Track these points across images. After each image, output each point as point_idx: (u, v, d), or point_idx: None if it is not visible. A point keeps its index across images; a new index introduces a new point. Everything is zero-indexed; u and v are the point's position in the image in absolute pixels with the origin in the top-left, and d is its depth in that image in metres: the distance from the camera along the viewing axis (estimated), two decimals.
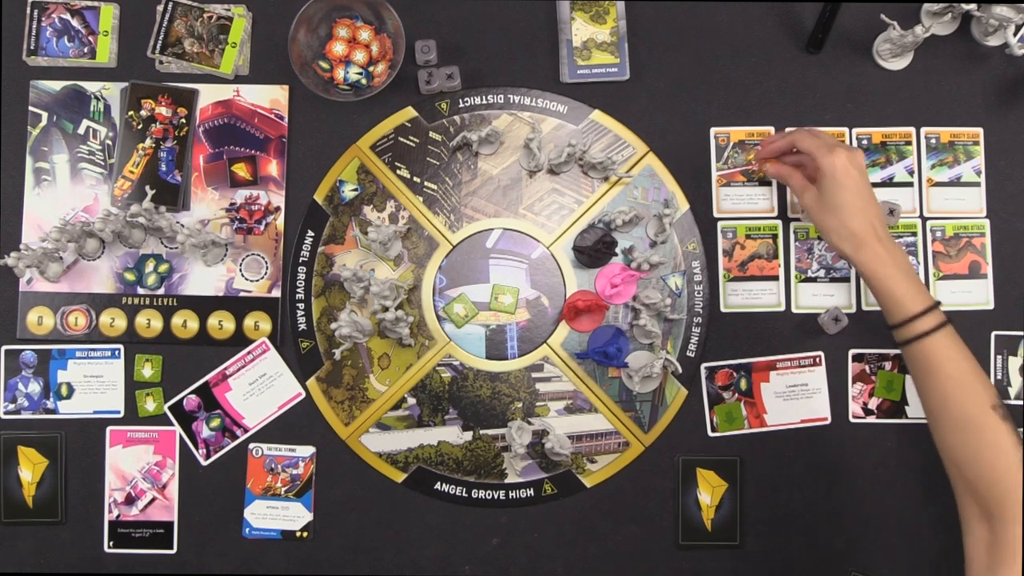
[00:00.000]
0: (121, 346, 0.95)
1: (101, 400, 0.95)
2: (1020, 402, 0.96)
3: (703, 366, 0.96)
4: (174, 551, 0.94)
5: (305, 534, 0.94)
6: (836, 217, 0.82)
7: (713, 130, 0.98)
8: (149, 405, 0.95)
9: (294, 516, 0.94)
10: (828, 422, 0.96)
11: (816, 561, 0.95)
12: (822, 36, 0.96)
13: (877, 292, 0.82)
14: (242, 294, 0.96)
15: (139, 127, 0.96)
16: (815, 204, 0.84)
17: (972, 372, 0.78)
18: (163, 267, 0.95)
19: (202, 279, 0.96)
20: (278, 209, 0.96)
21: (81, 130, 0.96)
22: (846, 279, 0.96)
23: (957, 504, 0.79)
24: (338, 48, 0.94)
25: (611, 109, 0.97)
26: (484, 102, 0.98)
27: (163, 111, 0.96)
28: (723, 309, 0.96)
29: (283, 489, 0.95)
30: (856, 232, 0.82)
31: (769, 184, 0.97)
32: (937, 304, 0.80)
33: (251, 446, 0.95)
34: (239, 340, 0.95)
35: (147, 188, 0.94)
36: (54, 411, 0.95)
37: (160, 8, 0.96)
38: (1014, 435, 0.76)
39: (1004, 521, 0.74)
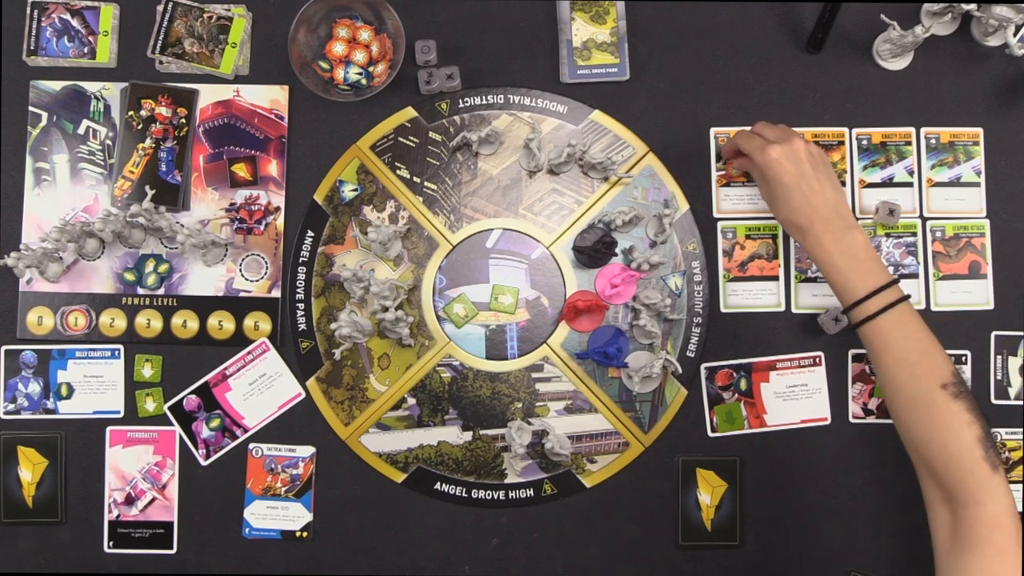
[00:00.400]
0: (121, 346, 0.95)
1: (101, 400, 0.95)
2: (1020, 402, 0.96)
3: (703, 366, 0.96)
4: (174, 551, 0.94)
5: (305, 534, 0.94)
6: (778, 210, 0.86)
7: (713, 130, 0.98)
8: (149, 405, 0.95)
9: (294, 516, 0.94)
10: (828, 422, 0.96)
11: (816, 561, 0.95)
12: (822, 36, 0.96)
13: (826, 278, 0.84)
14: (242, 294, 0.96)
15: (139, 127, 0.96)
16: (765, 198, 0.88)
17: (922, 352, 0.78)
18: (163, 267, 0.95)
19: (202, 279, 0.96)
20: (278, 209, 0.96)
21: (81, 130, 0.96)
22: None
23: (920, 485, 0.80)
24: (338, 48, 0.94)
25: (611, 109, 0.97)
26: (484, 102, 0.98)
27: (163, 111, 0.96)
28: (723, 309, 0.96)
29: (283, 489, 0.95)
30: (796, 222, 0.84)
31: None
32: (890, 283, 0.81)
33: (251, 446, 0.95)
34: (239, 340, 0.95)
35: (147, 188, 0.94)
36: (54, 411, 0.95)
37: (160, 8, 0.96)
38: (968, 413, 0.76)
39: (963, 503, 0.74)
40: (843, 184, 0.97)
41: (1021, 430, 0.96)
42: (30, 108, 0.96)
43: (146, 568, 0.94)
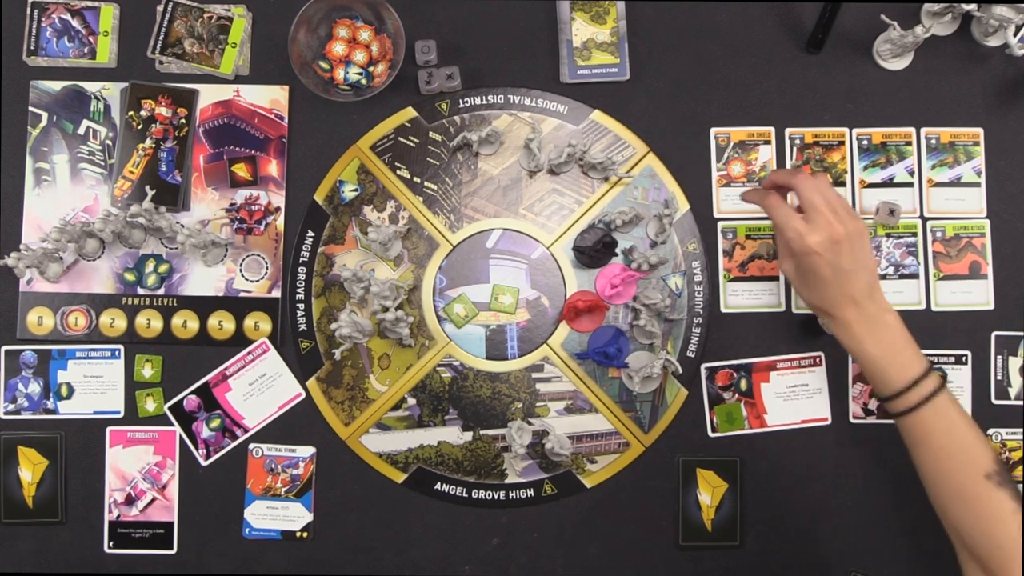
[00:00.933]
0: (121, 346, 0.95)
1: (101, 400, 0.95)
2: (1020, 402, 0.96)
3: (703, 366, 0.96)
4: (174, 551, 0.94)
5: (305, 534, 0.94)
6: (808, 295, 0.83)
7: (713, 130, 0.98)
8: (149, 405, 0.95)
9: (294, 516, 0.94)
10: (828, 422, 0.96)
11: (816, 561, 0.95)
12: (822, 36, 0.96)
13: (860, 367, 0.81)
14: (242, 294, 0.96)
15: (139, 127, 0.96)
16: (792, 273, 0.84)
17: (965, 441, 0.76)
18: (163, 267, 0.95)
19: (202, 279, 0.96)
20: (278, 209, 0.96)
21: (81, 130, 0.96)
22: None
23: (959, 561, 0.78)
24: (338, 48, 0.94)
25: (611, 109, 0.97)
26: (484, 102, 0.98)
27: (163, 111, 0.96)
28: (723, 309, 0.96)
29: (283, 489, 0.95)
30: (827, 310, 0.81)
31: None
32: (927, 372, 0.78)
33: (251, 446, 0.95)
34: (239, 340, 0.95)
35: (147, 188, 0.94)
36: (54, 411, 0.95)
37: (160, 8, 0.96)
38: (1013, 501, 0.74)
39: None
40: (843, 185, 0.97)
41: (1021, 430, 0.96)
42: (30, 108, 0.96)
43: (146, 568, 0.94)
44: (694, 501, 0.95)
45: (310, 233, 0.96)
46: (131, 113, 0.96)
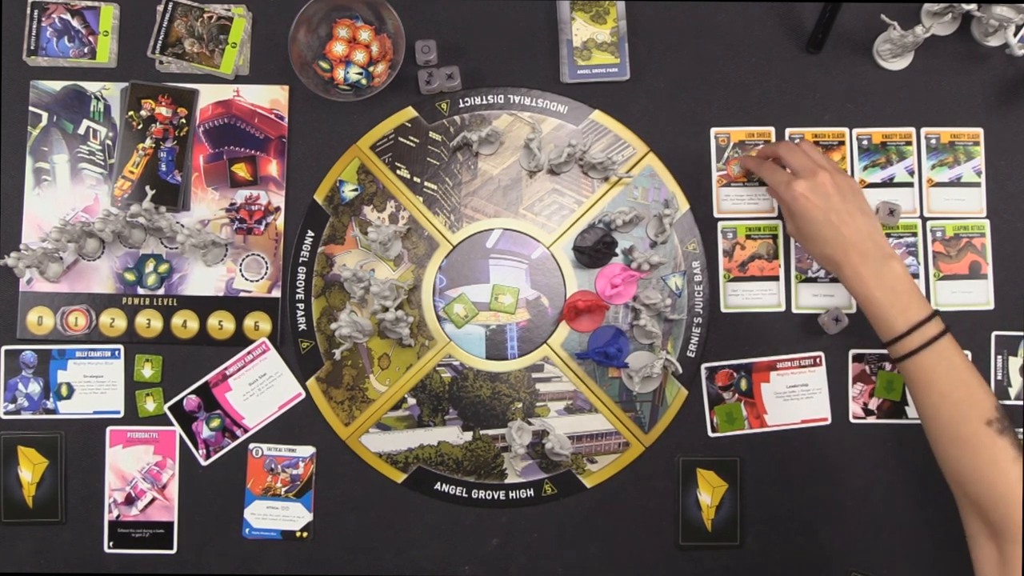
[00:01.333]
0: (121, 346, 0.95)
1: (101, 400, 0.95)
2: (1020, 402, 0.96)
3: (703, 366, 0.96)
4: (174, 551, 0.94)
5: (305, 534, 0.94)
6: (810, 246, 0.85)
7: (713, 130, 0.98)
8: (149, 405, 0.95)
9: (294, 516, 0.94)
10: (828, 422, 0.96)
11: (816, 561, 0.95)
12: (822, 36, 0.96)
13: (864, 311, 0.82)
14: (242, 294, 0.96)
15: (139, 127, 0.96)
16: (794, 233, 0.87)
17: (966, 386, 0.77)
18: (163, 267, 0.95)
19: (202, 279, 0.96)
20: (278, 209, 0.96)
21: (81, 130, 0.96)
22: None
23: (962, 519, 0.78)
24: (338, 48, 0.94)
25: (611, 109, 0.97)
26: (484, 102, 0.98)
27: (163, 111, 0.96)
28: (723, 309, 0.96)
29: (283, 489, 0.95)
30: (831, 256, 0.83)
31: None
32: (930, 317, 0.79)
33: (251, 446, 0.95)
34: (239, 340, 0.95)
35: (147, 188, 0.94)
36: (54, 411, 0.95)
37: (160, 8, 0.96)
38: (1014, 449, 0.74)
39: (1012, 540, 0.72)
40: None
41: (1021, 430, 0.96)
42: (30, 108, 0.96)
43: (146, 568, 0.94)
44: (694, 501, 0.95)
45: (310, 233, 0.96)
46: (131, 113, 0.96)
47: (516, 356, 0.96)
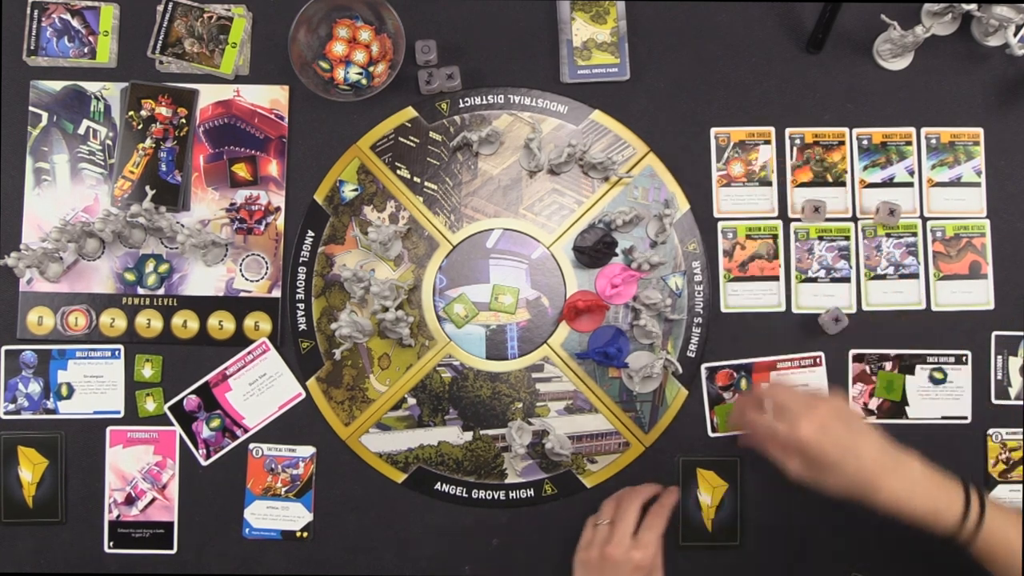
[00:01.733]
0: (121, 346, 0.95)
1: (101, 400, 0.95)
2: (1020, 402, 0.96)
3: (703, 366, 0.96)
4: (174, 551, 0.94)
5: (305, 534, 0.94)
6: (829, 479, 0.78)
7: (713, 130, 0.98)
8: (149, 405, 0.95)
9: (294, 516, 0.94)
10: None
11: (816, 561, 0.95)
12: (822, 36, 0.96)
13: (908, 521, 0.78)
14: (242, 294, 0.96)
15: (139, 127, 0.96)
16: (806, 471, 0.79)
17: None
18: (163, 267, 0.95)
19: (202, 279, 0.96)
20: (278, 209, 0.96)
21: (81, 130, 0.96)
22: (846, 279, 0.96)
23: None
24: (338, 48, 0.94)
25: (611, 109, 0.97)
26: (484, 102, 0.98)
27: (163, 111, 0.96)
28: (723, 309, 0.96)
29: (283, 489, 0.95)
30: (857, 484, 0.78)
31: (770, 184, 0.97)
32: (968, 497, 0.77)
33: (251, 446, 0.95)
34: (239, 340, 0.95)
35: (147, 188, 0.94)
36: (54, 411, 0.95)
37: (160, 8, 0.96)
38: None
39: None
40: (843, 185, 0.97)
41: (1021, 430, 0.96)
42: (30, 108, 0.96)
43: (146, 568, 0.94)
44: (694, 501, 0.95)
45: (310, 233, 0.96)
46: (131, 113, 0.96)
47: (516, 356, 0.96)
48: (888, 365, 0.96)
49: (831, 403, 0.80)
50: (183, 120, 0.96)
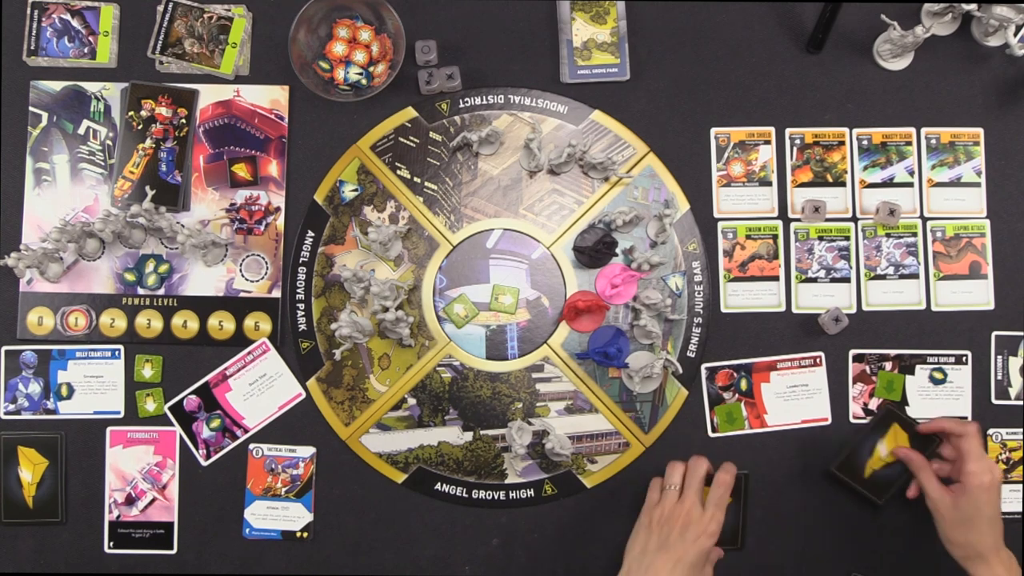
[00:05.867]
0: (121, 346, 0.95)
1: (101, 400, 0.95)
2: (1020, 402, 0.96)
3: (703, 366, 0.96)
4: (174, 551, 0.94)
5: (305, 534, 0.94)
6: (965, 532, 0.82)
7: (713, 130, 0.98)
8: (149, 405, 0.95)
9: (294, 516, 0.94)
10: (828, 422, 0.96)
11: (816, 561, 0.95)
12: (822, 36, 0.96)
13: None
14: (242, 294, 0.96)
15: (139, 127, 0.96)
16: (949, 512, 0.84)
17: None
18: (163, 267, 0.95)
19: (202, 279, 0.96)
20: (278, 209, 0.96)
21: (81, 130, 0.96)
22: (846, 279, 0.96)
23: None
24: (338, 48, 0.94)
25: (611, 109, 0.97)
26: (484, 102, 0.98)
27: (163, 111, 0.96)
28: (723, 309, 0.96)
29: (283, 489, 0.95)
30: (981, 552, 0.81)
31: (770, 184, 0.97)
32: None
33: (251, 446, 0.95)
34: (239, 340, 0.95)
35: (147, 188, 0.94)
36: (54, 411, 0.95)
37: (160, 8, 0.96)
38: None
39: None
40: (843, 185, 0.97)
41: (1021, 430, 0.96)
42: (30, 108, 0.96)
43: (146, 568, 0.94)
44: None
45: (310, 233, 0.96)
46: (131, 113, 0.96)
47: (516, 356, 0.96)
48: (888, 365, 0.96)
49: (998, 473, 0.84)
50: (183, 120, 0.96)
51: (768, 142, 0.97)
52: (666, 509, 0.84)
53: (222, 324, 0.95)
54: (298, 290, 0.96)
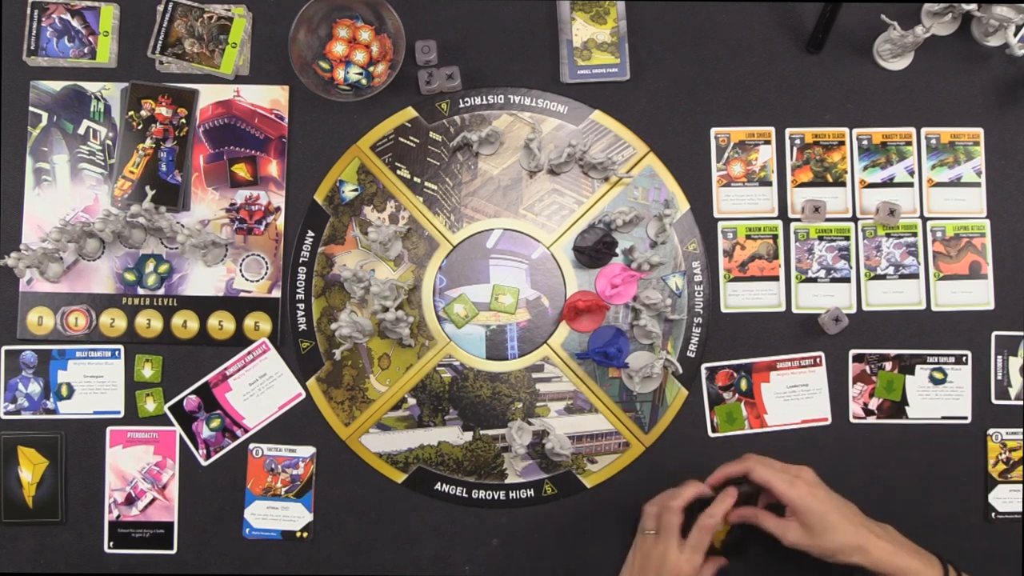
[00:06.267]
0: (121, 346, 0.95)
1: (101, 400, 0.95)
2: (1020, 402, 0.96)
3: (703, 366, 0.96)
4: (174, 551, 0.94)
5: (305, 534, 0.94)
6: (826, 538, 0.83)
7: (713, 130, 0.98)
8: (149, 405, 0.95)
9: (294, 516, 0.94)
10: (828, 422, 0.96)
11: (817, 561, 0.95)
12: (822, 36, 0.96)
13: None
14: (242, 294, 0.96)
15: (139, 127, 0.96)
16: (805, 537, 0.84)
17: None
18: (163, 267, 0.95)
19: (202, 279, 0.96)
20: (278, 209, 0.96)
21: (81, 130, 0.96)
22: (846, 279, 0.96)
23: None
24: (338, 48, 0.94)
25: (611, 109, 0.97)
26: (484, 102, 0.98)
27: (163, 111, 0.96)
28: (723, 309, 0.96)
29: (283, 489, 0.95)
30: (850, 542, 0.82)
31: (770, 184, 0.97)
32: (945, 565, 0.82)
33: (251, 446, 0.95)
34: (239, 340, 0.95)
35: (147, 188, 0.94)
36: (54, 411, 0.95)
37: (160, 8, 0.96)
38: None
39: None
40: (843, 185, 0.97)
41: (1021, 430, 0.96)
42: (30, 108, 0.96)
43: (146, 568, 0.94)
44: None
45: (310, 233, 0.96)
46: (131, 113, 0.96)
47: (516, 356, 0.96)
48: (888, 365, 0.96)
49: (807, 471, 0.84)
50: (183, 120, 0.96)
51: (768, 142, 0.97)
52: (645, 550, 0.86)
53: (222, 324, 0.95)
54: (298, 290, 0.96)
